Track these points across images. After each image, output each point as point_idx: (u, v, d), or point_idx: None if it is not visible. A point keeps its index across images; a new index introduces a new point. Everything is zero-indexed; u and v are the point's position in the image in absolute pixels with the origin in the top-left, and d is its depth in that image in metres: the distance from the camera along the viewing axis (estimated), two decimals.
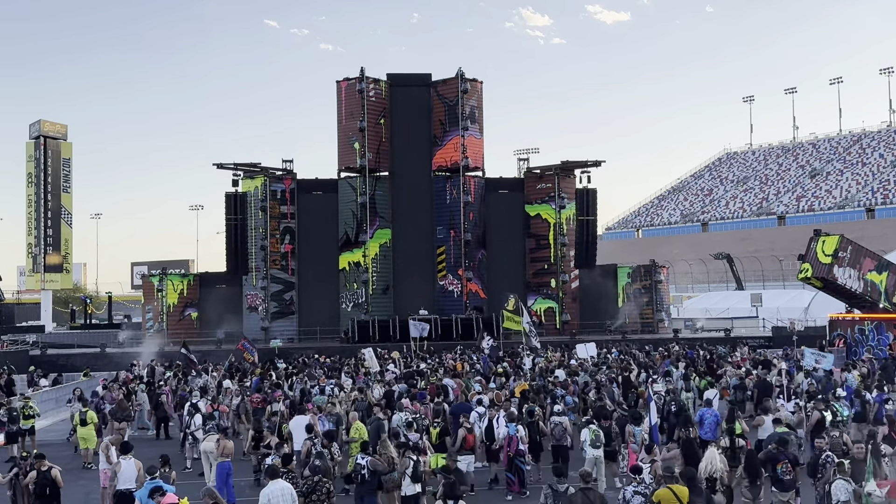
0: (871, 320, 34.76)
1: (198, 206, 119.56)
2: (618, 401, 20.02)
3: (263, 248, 47.52)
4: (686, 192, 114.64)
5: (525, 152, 58.58)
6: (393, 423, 16.23)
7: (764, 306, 55.47)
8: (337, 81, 48.78)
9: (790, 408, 17.41)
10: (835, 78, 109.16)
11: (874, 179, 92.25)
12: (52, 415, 26.36)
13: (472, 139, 48.38)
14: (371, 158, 47.41)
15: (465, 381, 21.80)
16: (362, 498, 12.60)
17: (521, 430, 15.34)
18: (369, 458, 12.69)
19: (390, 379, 23.58)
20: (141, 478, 12.69)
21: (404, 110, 48.99)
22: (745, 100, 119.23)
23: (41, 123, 70.78)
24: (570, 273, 48.86)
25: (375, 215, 47.57)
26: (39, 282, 70.76)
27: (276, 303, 47.71)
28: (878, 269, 39.04)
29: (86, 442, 18.69)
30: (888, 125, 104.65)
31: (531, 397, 19.17)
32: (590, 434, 14.91)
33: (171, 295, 47.60)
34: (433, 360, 30.79)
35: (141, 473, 12.82)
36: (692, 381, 22.20)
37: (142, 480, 12.49)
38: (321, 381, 22.95)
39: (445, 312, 45.33)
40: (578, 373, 24.45)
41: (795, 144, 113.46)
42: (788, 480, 11.99)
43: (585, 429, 15.33)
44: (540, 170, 50.33)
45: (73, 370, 37.06)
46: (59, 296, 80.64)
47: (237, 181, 47.04)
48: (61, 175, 71.61)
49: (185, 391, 22.69)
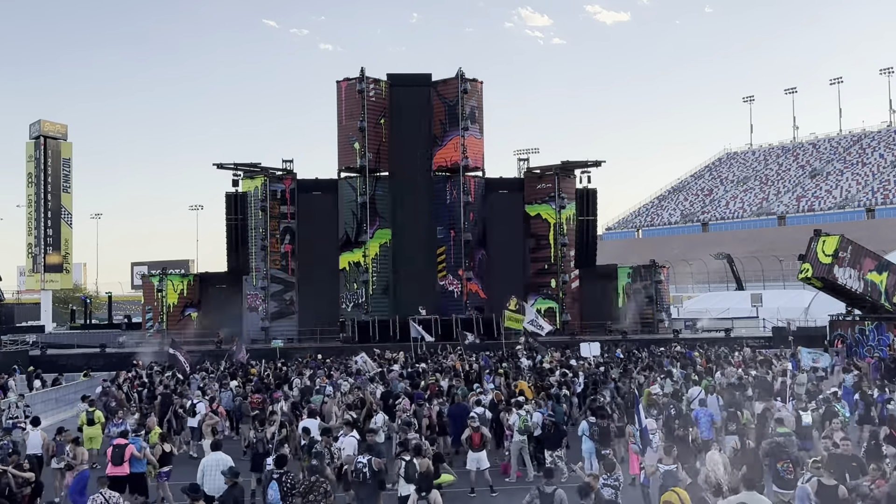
0: (872, 320, 34.79)
1: (198, 206, 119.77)
2: (616, 401, 20.00)
3: (263, 248, 47.50)
4: (686, 192, 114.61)
5: (525, 152, 58.67)
6: (375, 423, 16.44)
7: (764, 306, 55.39)
8: (337, 81, 48.78)
9: (790, 408, 17.37)
10: (835, 78, 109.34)
11: (874, 179, 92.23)
12: (51, 415, 26.27)
13: (472, 139, 48.35)
14: (371, 158, 47.39)
15: (457, 386, 21.39)
16: (362, 499, 12.56)
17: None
18: (371, 458, 12.66)
19: (394, 377, 23.59)
20: (46, 445, 15.64)
21: (404, 110, 48.98)
22: (745, 100, 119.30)
23: (41, 123, 70.70)
24: (570, 273, 48.83)
25: (375, 215, 47.54)
26: (39, 282, 70.66)
27: (276, 303, 47.68)
28: (878, 269, 38.98)
29: (91, 442, 18.64)
30: (888, 125, 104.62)
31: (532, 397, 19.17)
32: (588, 427, 15.33)
33: (171, 295, 47.58)
34: (433, 360, 30.80)
35: (46, 442, 15.73)
36: (691, 382, 22.14)
37: (48, 447, 15.60)
38: (322, 381, 22.96)
39: (445, 312, 45.33)
40: (579, 373, 24.43)
41: (795, 144, 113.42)
42: (790, 480, 11.96)
43: (584, 421, 15.61)
44: (540, 170, 50.31)
45: (73, 370, 37.02)
46: (59, 296, 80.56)
47: (237, 181, 47.02)
48: (61, 175, 71.53)
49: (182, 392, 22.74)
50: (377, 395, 20.55)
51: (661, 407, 17.46)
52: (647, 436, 13.91)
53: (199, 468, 12.82)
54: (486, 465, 15.33)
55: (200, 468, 12.81)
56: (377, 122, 48.18)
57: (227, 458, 12.88)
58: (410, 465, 12.46)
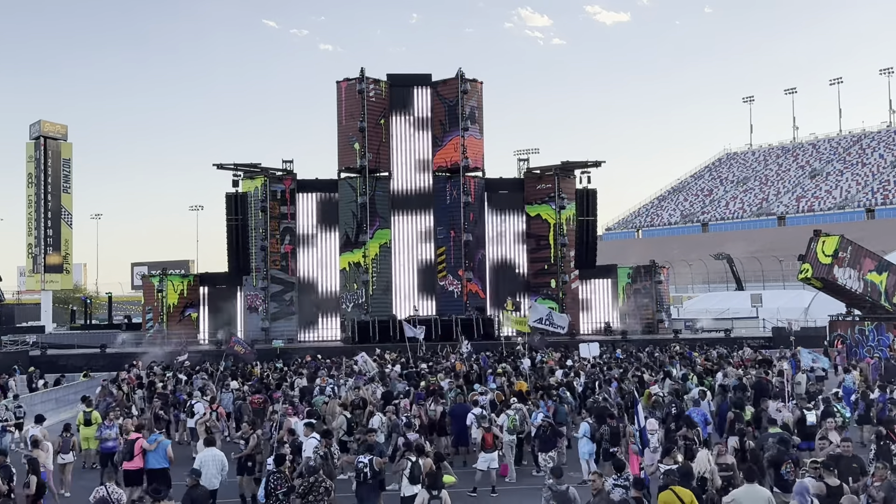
0: (872, 320, 34.79)
1: (198, 206, 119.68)
2: (616, 401, 20.01)
3: (263, 248, 47.50)
4: (686, 193, 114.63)
5: (525, 152, 58.81)
6: (373, 424, 16.39)
7: (764, 307, 55.43)
8: (337, 82, 48.75)
9: (790, 407, 17.39)
10: (835, 78, 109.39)
11: (874, 180, 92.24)
12: (52, 415, 26.25)
13: (472, 139, 48.35)
14: (371, 158, 47.41)
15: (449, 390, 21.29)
16: (363, 498, 12.56)
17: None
18: (372, 457, 12.65)
19: (393, 377, 23.60)
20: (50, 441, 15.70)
21: (404, 111, 49.02)
22: (745, 100, 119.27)
23: (41, 124, 70.73)
24: (570, 273, 48.84)
25: (375, 215, 47.56)
26: (39, 282, 70.72)
27: (276, 303, 47.69)
28: (878, 269, 39.06)
29: (88, 442, 18.70)
30: (888, 125, 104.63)
31: (531, 397, 19.18)
32: (589, 429, 15.41)
33: (172, 295, 47.56)
34: (433, 360, 30.81)
35: (48, 438, 15.75)
36: (689, 382, 22.18)
37: (52, 441, 15.76)
38: (322, 381, 22.96)
39: (445, 313, 45.34)
40: (579, 373, 24.43)
41: (795, 145, 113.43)
42: (793, 482, 11.93)
43: (584, 423, 15.64)
44: (540, 170, 50.30)
45: (73, 371, 37.02)
46: (59, 296, 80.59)
47: (237, 181, 46.98)
48: (61, 175, 71.57)
49: (183, 392, 22.74)
50: (377, 395, 20.56)
51: (662, 407, 17.49)
52: (647, 436, 13.93)
53: (196, 464, 13.12)
54: (496, 466, 15.37)
55: (197, 464, 13.10)
56: (377, 123, 48.18)
57: (221, 455, 13.46)
58: (416, 466, 12.43)
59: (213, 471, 13.11)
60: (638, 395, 17.18)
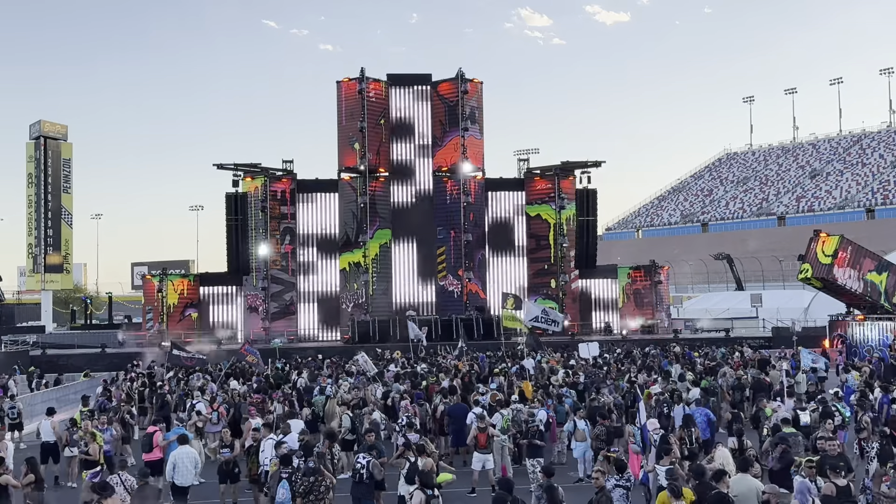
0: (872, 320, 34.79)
1: (198, 206, 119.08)
2: (616, 401, 20.00)
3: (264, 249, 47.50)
4: (686, 193, 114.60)
5: (525, 152, 58.84)
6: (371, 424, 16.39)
7: (764, 307, 55.40)
8: (337, 81, 48.78)
9: (789, 406, 17.38)
10: (835, 78, 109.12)
11: (874, 180, 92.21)
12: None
13: (472, 139, 48.37)
14: (371, 159, 47.42)
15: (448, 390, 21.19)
16: (360, 499, 12.56)
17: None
18: (370, 459, 12.65)
19: (389, 378, 23.59)
20: (59, 435, 16.72)
21: (404, 111, 49.04)
22: (745, 100, 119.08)
23: (41, 124, 70.66)
24: (570, 273, 48.85)
25: (375, 215, 47.58)
26: (40, 282, 70.64)
27: (276, 303, 47.71)
28: (878, 269, 39.04)
29: None
30: (888, 125, 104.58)
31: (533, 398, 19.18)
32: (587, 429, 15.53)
33: (172, 295, 47.58)
34: (433, 360, 30.82)
35: (58, 431, 16.84)
36: (688, 382, 22.14)
37: (59, 435, 16.70)
38: (322, 381, 22.97)
39: (445, 312, 45.36)
40: (579, 373, 24.43)
41: (795, 145, 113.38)
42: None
43: (579, 422, 15.70)
44: (540, 170, 50.33)
45: (73, 371, 37.03)
46: (59, 296, 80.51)
47: (237, 181, 47.04)
48: (61, 175, 71.49)
49: (183, 392, 22.76)
50: (377, 395, 20.57)
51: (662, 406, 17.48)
52: (647, 435, 13.91)
53: (170, 461, 13.43)
54: (491, 466, 15.35)
55: (171, 461, 13.39)
56: (377, 123, 48.21)
57: (194, 452, 13.89)
58: (413, 466, 12.42)
59: (188, 467, 13.39)
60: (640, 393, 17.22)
